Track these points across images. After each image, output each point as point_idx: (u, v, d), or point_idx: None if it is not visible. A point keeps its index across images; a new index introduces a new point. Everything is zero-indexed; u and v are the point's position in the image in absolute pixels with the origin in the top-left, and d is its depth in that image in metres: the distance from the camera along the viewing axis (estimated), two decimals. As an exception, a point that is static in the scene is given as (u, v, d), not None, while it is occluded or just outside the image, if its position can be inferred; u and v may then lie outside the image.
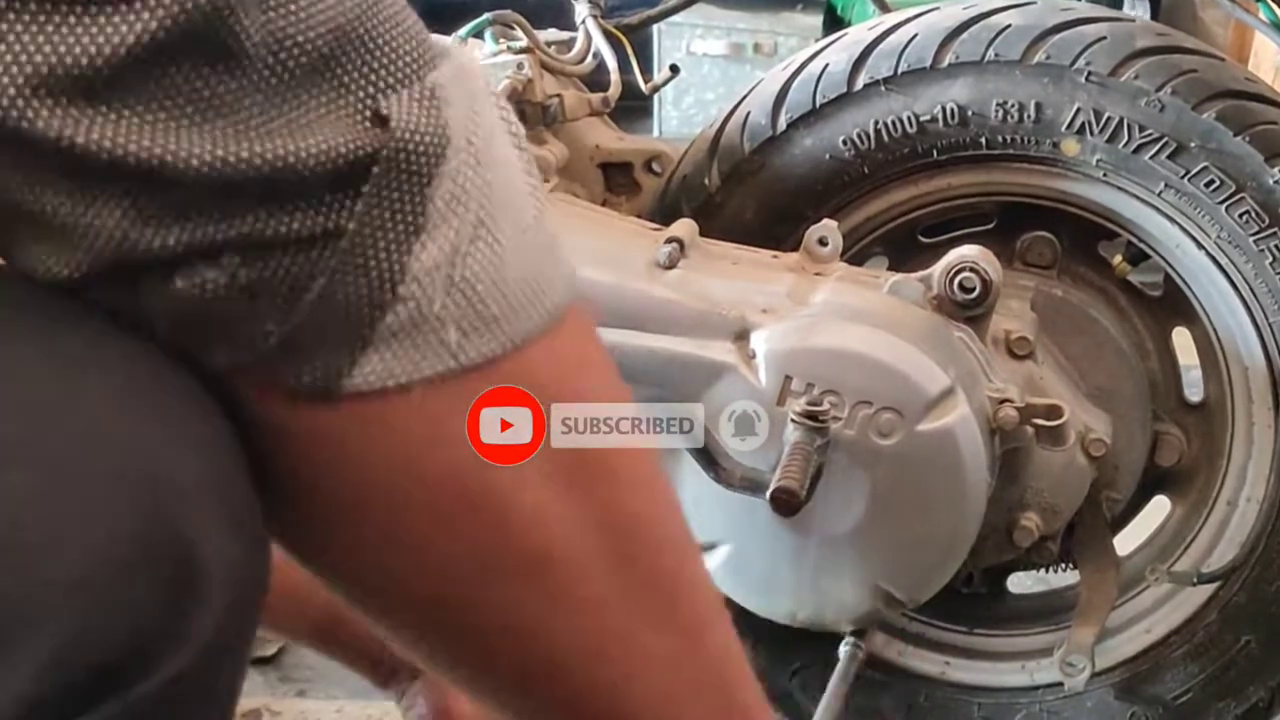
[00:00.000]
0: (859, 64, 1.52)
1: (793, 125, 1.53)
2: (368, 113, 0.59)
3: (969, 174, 1.53)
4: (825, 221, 1.47)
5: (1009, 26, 1.50)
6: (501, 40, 1.54)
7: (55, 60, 0.54)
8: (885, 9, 1.66)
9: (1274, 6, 1.61)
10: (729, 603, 1.45)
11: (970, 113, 1.50)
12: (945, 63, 1.50)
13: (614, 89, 1.58)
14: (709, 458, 1.31)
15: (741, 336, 1.37)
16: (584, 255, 1.41)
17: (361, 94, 0.59)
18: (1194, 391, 1.62)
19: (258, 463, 0.63)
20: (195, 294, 0.58)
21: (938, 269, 1.42)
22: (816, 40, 1.62)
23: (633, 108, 1.71)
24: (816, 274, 1.43)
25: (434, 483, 0.64)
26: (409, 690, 1.07)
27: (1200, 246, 1.50)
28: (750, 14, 3.81)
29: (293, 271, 0.58)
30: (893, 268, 1.56)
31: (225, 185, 0.56)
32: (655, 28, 3.46)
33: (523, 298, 0.63)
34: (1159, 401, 1.60)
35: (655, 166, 1.60)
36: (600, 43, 1.60)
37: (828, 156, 1.52)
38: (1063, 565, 1.62)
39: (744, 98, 1.57)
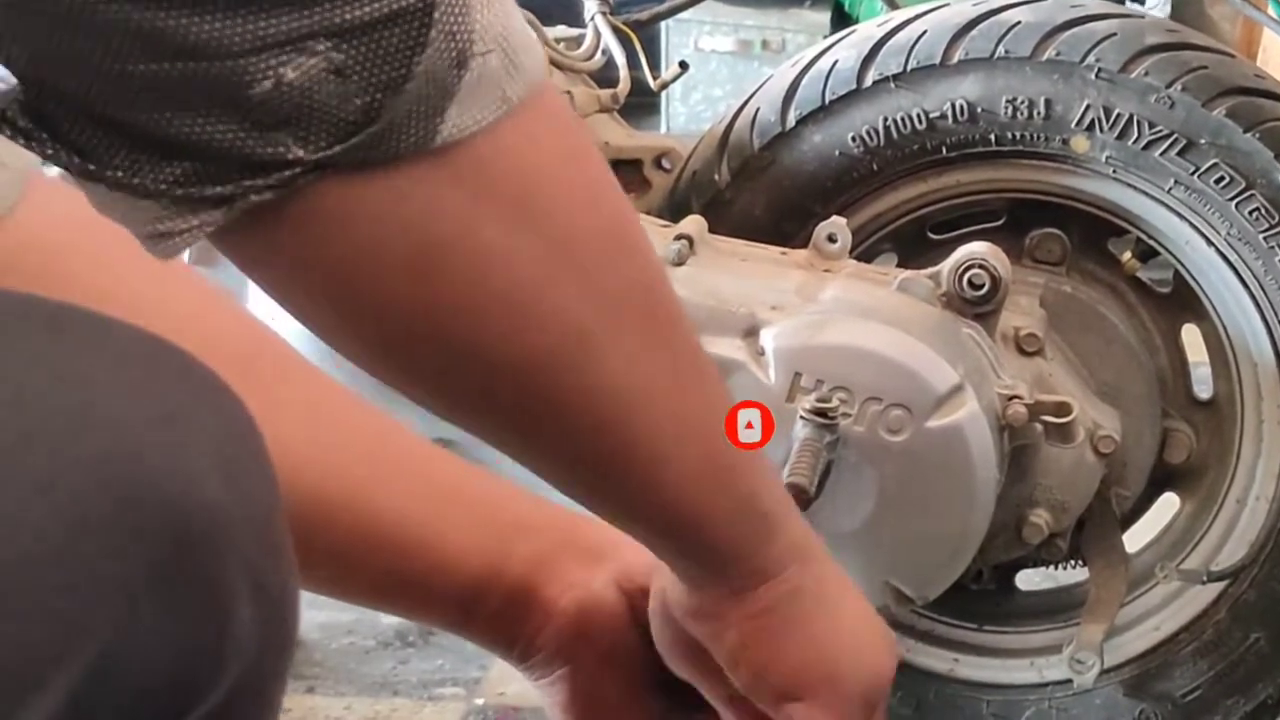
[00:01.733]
0: (868, 60, 1.52)
1: (802, 122, 1.53)
2: None
3: (978, 171, 1.53)
4: (834, 218, 1.47)
5: (1019, 23, 1.49)
6: (510, 37, 1.54)
7: None
8: (894, 6, 1.66)
9: (1284, 3, 1.60)
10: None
11: (980, 109, 1.49)
12: (955, 59, 1.50)
13: (623, 85, 1.58)
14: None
15: (750, 333, 1.37)
16: (593, 252, 1.41)
17: None
18: (1203, 388, 1.62)
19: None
20: (315, 74, 0.59)
21: (947, 266, 1.42)
22: (824, 37, 1.62)
23: (640, 104, 1.71)
24: (825, 271, 1.43)
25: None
26: (551, 675, 1.06)
27: (1210, 243, 1.50)
28: (758, 10, 3.81)
29: (401, 43, 0.60)
30: (902, 264, 1.56)
31: None
32: (663, 24, 3.46)
33: (529, 41, 0.66)
34: (1168, 398, 1.60)
35: (665, 163, 1.60)
36: (609, 39, 1.60)
37: (837, 153, 1.52)
38: (1072, 562, 1.61)
39: (753, 94, 1.57)
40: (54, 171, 0.63)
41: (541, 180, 0.67)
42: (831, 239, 1.44)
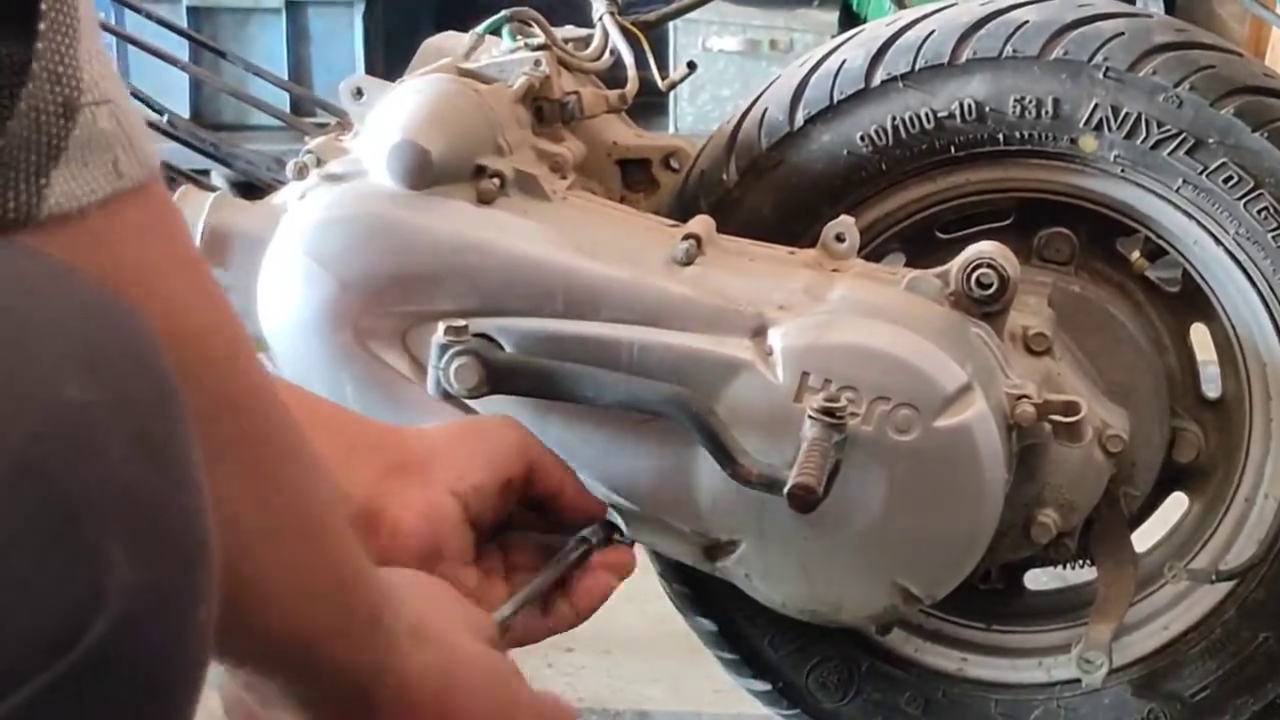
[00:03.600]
0: (876, 60, 1.52)
1: (810, 121, 1.53)
2: None
3: (986, 170, 1.53)
4: (842, 218, 1.46)
5: (1027, 22, 1.49)
6: (519, 37, 1.55)
7: None
8: (902, 5, 1.66)
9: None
10: (745, 599, 1.45)
11: (988, 109, 1.49)
12: (963, 59, 1.50)
13: (631, 85, 1.58)
14: (726, 453, 1.31)
15: (758, 333, 1.37)
16: (601, 251, 1.41)
17: None
18: (1212, 388, 1.62)
19: None
20: None
21: (955, 265, 1.42)
22: (832, 36, 1.62)
23: (648, 104, 1.71)
24: (833, 270, 1.43)
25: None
26: None
27: (1218, 243, 1.50)
28: (766, 10, 3.81)
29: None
30: (910, 264, 1.56)
31: None
32: (671, 24, 3.46)
33: (144, 129, 0.64)
34: (1177, 398, 1.60)
35: (673, 163, 1.60)
36: (617, 39, 1.60)
37: (845, 153, 1.52)
38: (1080, 562, 1.61)
39: (761, 94, 1.57)
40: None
41: (143, 274, 0.64)
42: (839, 238, 1.44)
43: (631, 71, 1.59)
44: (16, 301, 0.57)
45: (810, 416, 1.28)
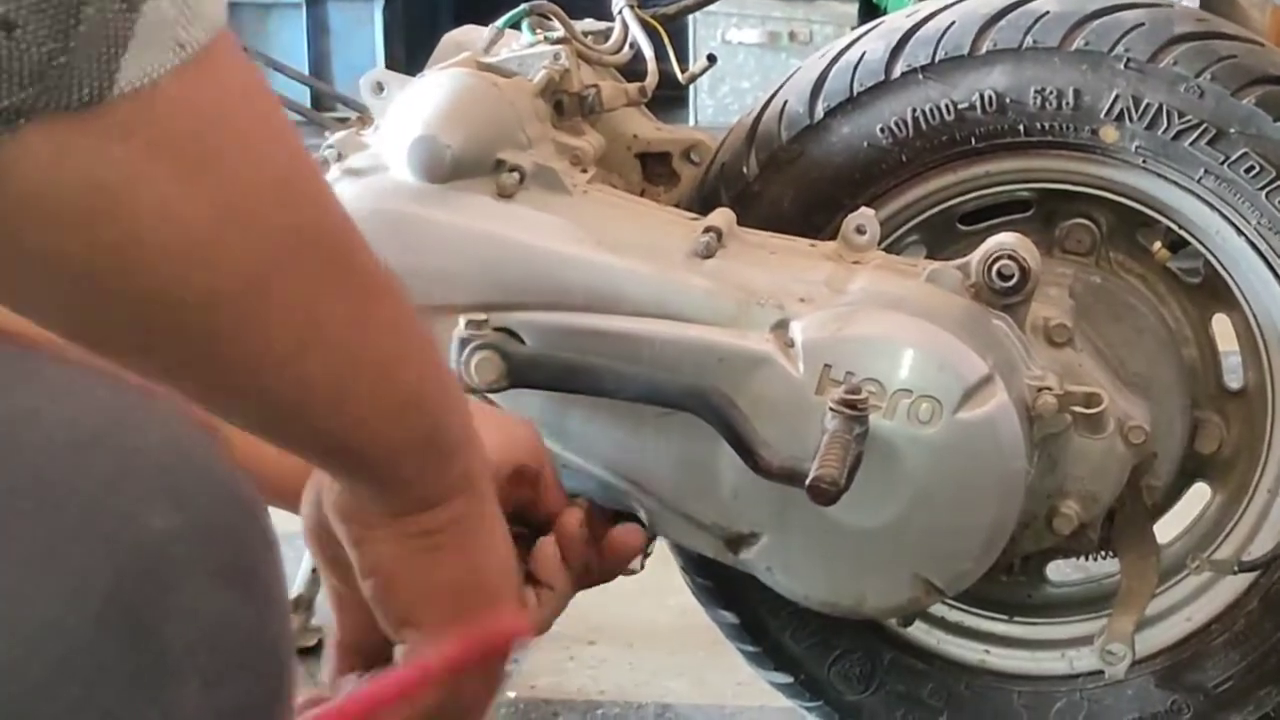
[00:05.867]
0: (896, 52, 1.51)
1: (830, 113, 1.53)
2: None
3: (1007, 161, 1.53)
4: (863, 210, 1.46)
5: (1047, 13, 1.49)
6: (538, 30, 1.55)
7: None
8: (922, -4, 1.65)
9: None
10: (767, 591, 1.45)
11: (1008, 100, 1.49)
12: (983, 50, 1.50)
13: (651, 79, 1.58)
14: (747, 446, 1.31)
15: (779, 326, 1.37)
16: (622, 245, 1.41)
17: None
18: (1234, 378, 1.61)
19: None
20: None
21: (976, 257, 1.42)
22: (852, 28, 1.62)
23: (668, 97, 1.71)
24: (854, 262, 1.43)
25: None
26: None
27: (1240, 233, 1.50)
28: (785, 2, 3.81)
29: None
30: (931, 256, 1.56)
31: None
32: (690, 17, 3.46)
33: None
34: (1198, 388, 1.60)
35: (693, 156, 1.60)
36: (637, 32, 1.60)
37: (865, 145, 1.52)
38: (1102, 553, 1.61)
39: (781, 86, 1.57)
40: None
41: (215, 131, 0.67)
42: (860, 230, 1.44)
43: (651, 64, 1.59)
44: (105, 434, 0.60)
45: (831, 409, 1.28)
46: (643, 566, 1.54)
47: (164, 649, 0.57)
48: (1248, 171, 1.47)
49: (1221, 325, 1.60)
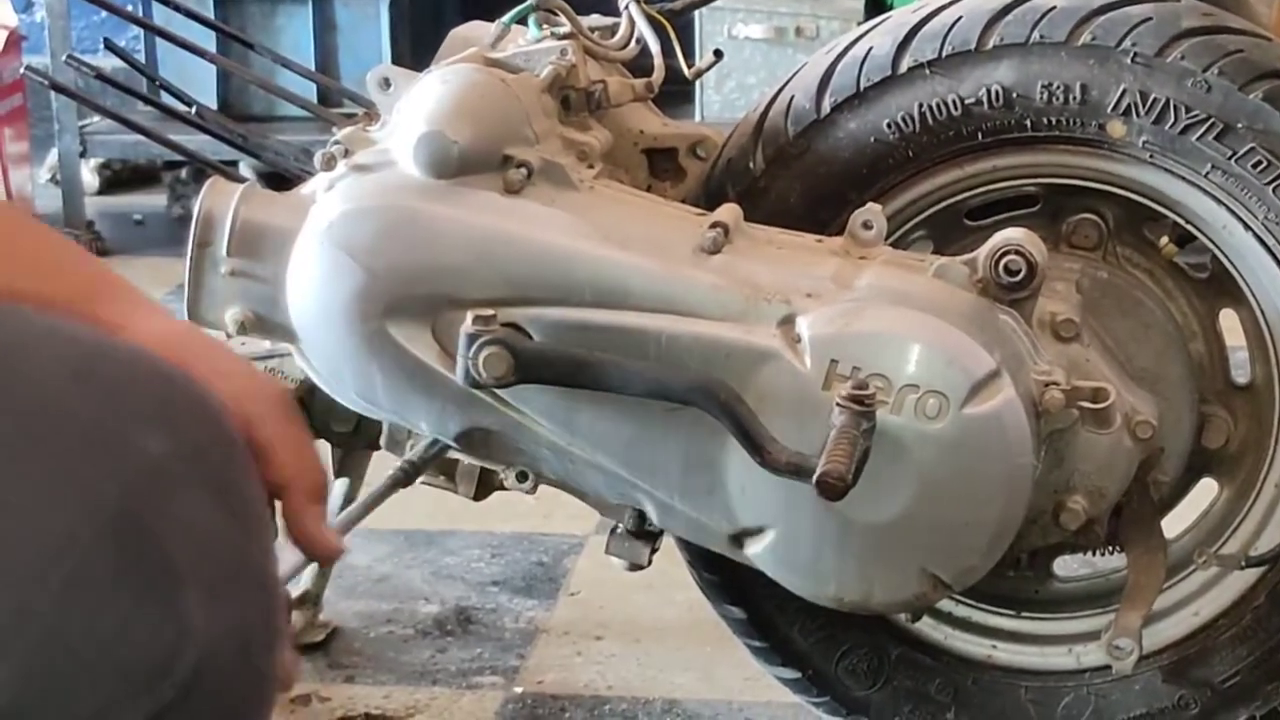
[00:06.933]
0: (903, 47, 1.51)
1: (837, 109, 1.53)
2: None
3: (1014, 156, 1.52)
4: (870, 205, 1.46)
5: (1054, 8, 1.49)
6: (545, 26, 1.55)
7: None
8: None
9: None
10: (774, 586, 1.45)
11: (1015, 95, 1.49)
12: (990, 45, 1.49)
13: (657, 74, 1.58)
14: (754, 442, 1.31)
15: (786, 321, 1.37)
16: (628, 240, 1.41)
17: None
18: (1241, 373, 1.61)
19: None
20: None
21: (983, 252, 1.42)
22: (858, 23, 1.62)
23: (674, 92, 1.71)
24: (861, 258, 1.43)
25: None
26: None
27: (1247, 228, 1.50)
28: (792, -3, 3.80)
29: None
30: (938, 251, 1.55)
31: None
32: (697, 12, 3.45)
33: None
34: (1206, 383, 1.60)
35: (700, 151, 1.60)
36: (643, 28, 1.60)
37: (872, 140, 1.52)
38: (1109, 548, 1.61)
39: (787, 81, 1.57)
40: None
41: None
42: (867, 226, 1.44)
43: (658, 60, 1.59)
44: (96, 366, 0.62)
45: (839, 404, 1.28)
46: (650, 562, 1.54)
47: (170, 560, 0.60)
48: (1255, 166, 1.47)
49: (1229, 320, 1.60)
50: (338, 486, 1.82)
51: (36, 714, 0.56)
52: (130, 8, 3.59)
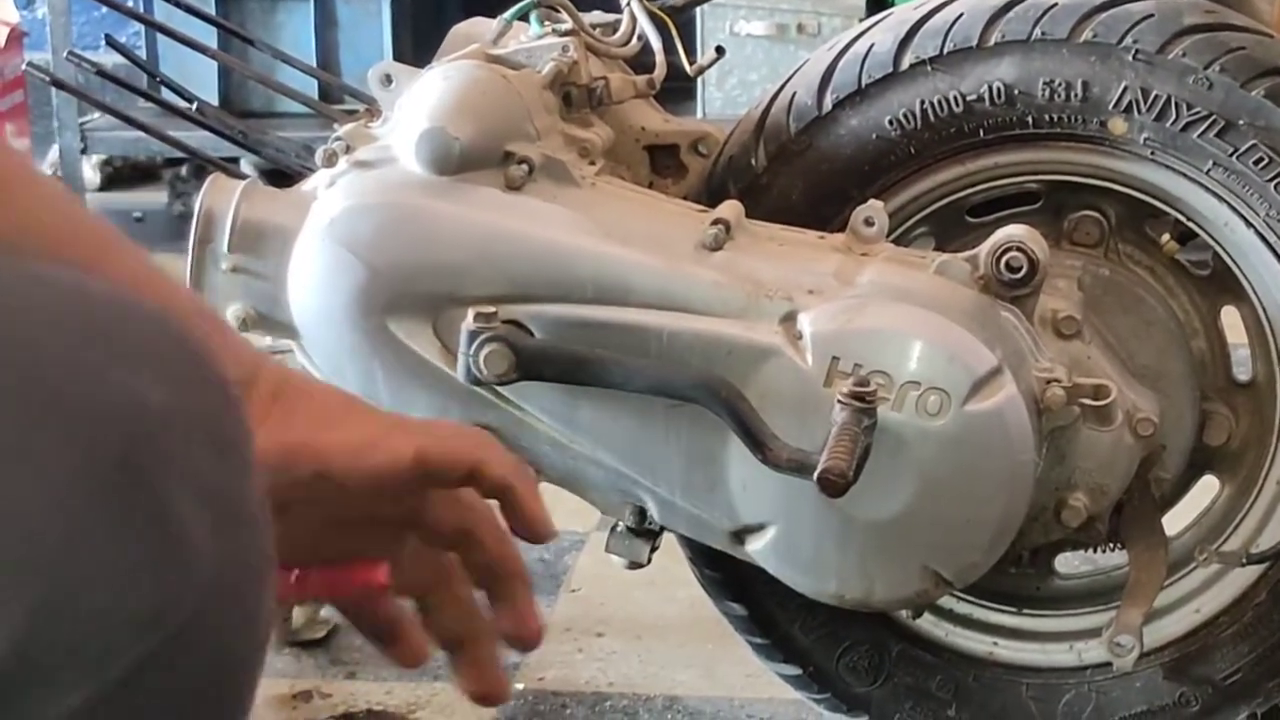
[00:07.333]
0: (905, 44, 1.51)
1: (839, 105, 1.53)
2: None
3: (1016, 153, 1.52)
4: (871, 202, 1.46)
5: (1056, 5, 1.49)
6: (547, 23, 1.55)
7: None
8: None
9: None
10: (775, 583, 1.45)
11: (1017, 92, 1.49)
12: (991, 42, 1.49)
13: (659, 71, 1.58)
14: (755, 438, 1.31)
15: (788, 318, 1.37)
16: (630, 237, 1.41)
17: None
18: (1242, 370, 1.61)
19: None
20: None
21: (984, 249, 1.42)
22: (859, 20, 1.62)
23: (676, 89, 1.71)
24: (863, 255, 1.43)
25: None
26: None
27: (1249, 225, 1.49)
28: (793, -6, 3.80)
29: None
30: (939, 248, 1.55)
31: None
32: (698, 9, 3.46)
33: None
34: (1207, 380, 1.59)
35: (701, 148, 1.60)
36: (645, 24, 1.60)
37: (874, 137, 1.52)
38: (1111, 545, 1.61)
39: (789, 78, 1.57)
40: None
41: None
42: (869, 222, 1.44)
43: (659, 56, 1.59)
44: (92, 315, 0.63)
45: (840, 401, 1.28)
46: (649, 561, 1.54)
47: (174, 508, 0.61)
48: (1257, 163, 1.47)
49: (1230, 317, 1.60)
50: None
51: (43, 658, 0.58)
52: (131, 4, 3.59)
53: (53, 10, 3.66)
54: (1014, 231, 1.43)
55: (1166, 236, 1.57)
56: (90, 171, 4.17)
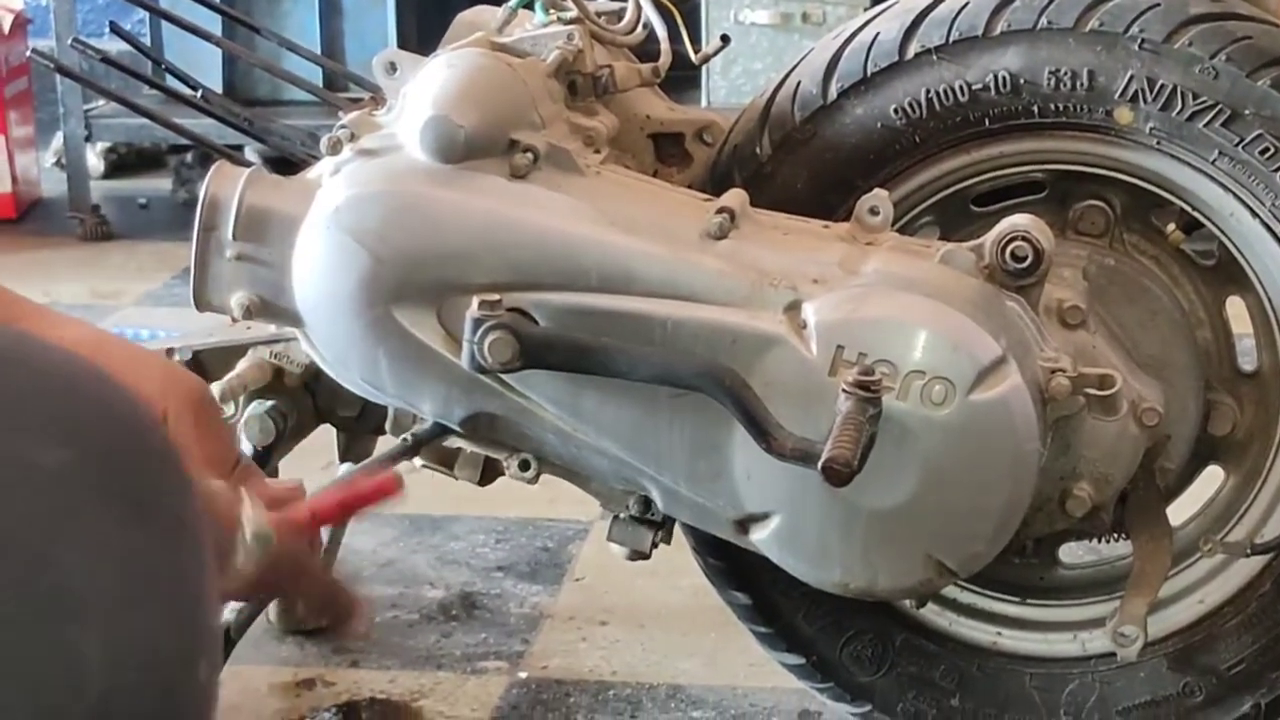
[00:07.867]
0: (910, 32, 1.51)
1: (844, 94, 1.53)
2: None
3: (1021, 142, 1.52)
4: (876, 191, 1.46)
5: (1061, -6, 1.49)
6: (552, 11, 1.54)
7: None
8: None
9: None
10: (779, 573, 1.45)
11: (1022, 81, 1.49)
12: (997, 31, 1.49)
13: (664, 59, 1.58)
14: (760, 427, 1.31)
15: (793, 307, 1.37)
16: (635, 225, 1.41)
17: None
18: (1247, 360, 1.61)
19: None
20: None
21: (990, 238, 1.42)
22: (865, 9, 1.61)
23: (681, 78, 1.71)
24: (868, 244, 1.43)
25: None
26: None
27: (1254, 215, 1.49)
28: (798, -17, 3.79)
29: None
30: (944, 237, 1.55)
31: None
32: (703, -3, 3.46)
33: None
34: (1212, 370, 1.59)
35: (706, 137, 1.60)
36: (650, 13, 1.59)
37: (879, 125, 1.52)
38: (1115, 535, 1.61)
39: (794, 67, 1.57)
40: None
41: None
42: (874, 211, 1.44)
43: (664, 45, 1.58)
44: None
45: (844, 390, 1.28)
46: (651, 551, 1.54)
47: (65, 589, 0.56)
48: (1262, 153, 1.46)
49: (1235, 308, 1.59)
50: (343, 471, 1.82)
51: None
52: (136, -9, 3.59)
53: (57, -3, 3.66)
54: (1019, 221, 1.42)
55: (1172, 226, 1.57)
56: (95, 158, 4.17)
